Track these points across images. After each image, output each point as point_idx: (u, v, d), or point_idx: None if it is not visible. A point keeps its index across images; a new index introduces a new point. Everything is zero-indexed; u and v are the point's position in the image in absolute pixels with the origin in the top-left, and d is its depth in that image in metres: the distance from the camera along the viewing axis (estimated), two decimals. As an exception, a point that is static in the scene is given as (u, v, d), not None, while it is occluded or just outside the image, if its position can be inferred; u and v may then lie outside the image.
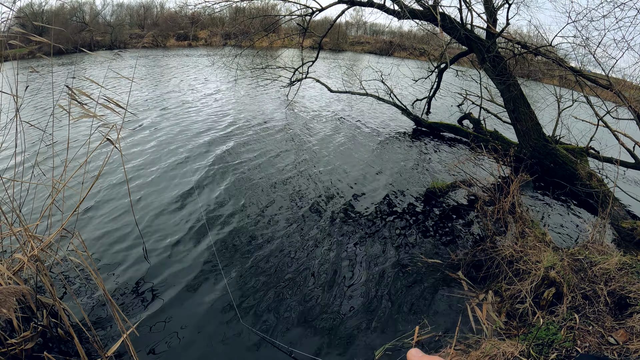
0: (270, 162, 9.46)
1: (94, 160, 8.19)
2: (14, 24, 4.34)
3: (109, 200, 7.02)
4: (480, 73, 12.75)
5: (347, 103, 17.62)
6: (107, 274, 5.02)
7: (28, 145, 4.67)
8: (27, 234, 3.45)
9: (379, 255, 5.91)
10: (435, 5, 9.81)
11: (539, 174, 9.16)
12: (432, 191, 8.22)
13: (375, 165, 9.85)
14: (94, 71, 21.67)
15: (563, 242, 6.71)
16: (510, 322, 4.45)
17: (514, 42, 9.74)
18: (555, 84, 11.32)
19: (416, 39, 46.57)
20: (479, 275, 5.41)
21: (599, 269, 4.43)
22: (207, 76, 23.01)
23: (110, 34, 43.17)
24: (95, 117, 3.91)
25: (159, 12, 51.55)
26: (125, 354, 3.60)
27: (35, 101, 14.20)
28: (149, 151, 9.69)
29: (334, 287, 5.07)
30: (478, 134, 11.70)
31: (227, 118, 13.55)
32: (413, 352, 0.73)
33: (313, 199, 7.62)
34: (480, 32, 10.39)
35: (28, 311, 3.73)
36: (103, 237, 5.87)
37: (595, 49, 8.15)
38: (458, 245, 6.42)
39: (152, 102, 15.33)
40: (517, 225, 6.06)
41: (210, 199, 7.31)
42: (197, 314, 4.47)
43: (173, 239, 5.95)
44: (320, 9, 12.25)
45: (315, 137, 12.01)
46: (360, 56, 45.69)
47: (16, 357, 3.45)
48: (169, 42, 47.24)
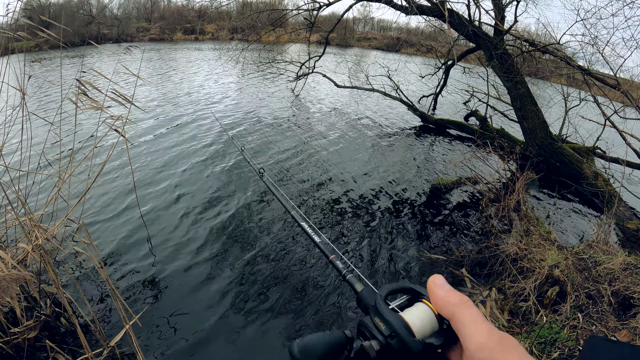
0: (276, 156, 9.46)
1: (100, 151, 8.23)
2: (22, 16, 4.35)
3: (114, 191, 7.04)
4: (487, 70, 12.67)
5: (353, 98, 17.56)
6: (111, 265, 5.04)
7: (34, 135, 4.68)
8: (31, 223, 3.46)
9: (381, 249, 5.91)
10: (443, 1, 9.75)
11: (545, 172, 9.11)
12: (437, 187, 8.19)
13: (380, 160, 9.84)
14: (101, 64, 21.70)
15: (568, 241, 6.68)
16: (513, 319, 4.43)
17: (522, 39, 9.68)
18: (563, 83, 11.24)
19: (423, 35, 46.30)
20: (483, 273, 5.40)
21: (604, 269, 4.40)
22: (214, 70, 22.98)
23: (117, 27, 43.20)
24: (102, 109, 3.92)
25: (166, 6, 51.51)
26: (128, 344, 3.62)
27: (42, 93, 14.25)
28: (155, 143, 9.71)
29: (334, 284, 5.06)
30: (484, 132, 11.63)
31: (233, 111, 13.56)
32: (437, 280, 0.63)
33: (316, 192, 7.62)
34: (488, 29, 10.33)
35: (31, 301, 3.75)
36: (108, 228, 5.89)
37: (603, 48, 8.09)
38: (462, 242, 6.41)
39: (159, 95, 15.34)
40: (521, 223, 6.04)
41: (217, 191, 7.32)
42: (202, 305, 4.49)
43: (178, 231, 5.96)
44: (327, 3, 12.20)
45: (321, 131, 12.00)
46: (367, 52, 45.52)
47: (19, 345, 3.47)
48: (176, 35, 47.17)
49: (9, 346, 3.40)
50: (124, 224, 6.03)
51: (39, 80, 15.98)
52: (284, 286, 4.91)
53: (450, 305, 0.59)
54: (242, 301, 4.59)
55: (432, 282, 0.62)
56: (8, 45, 3.82)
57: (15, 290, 2.48)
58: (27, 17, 4.45)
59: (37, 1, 35.32)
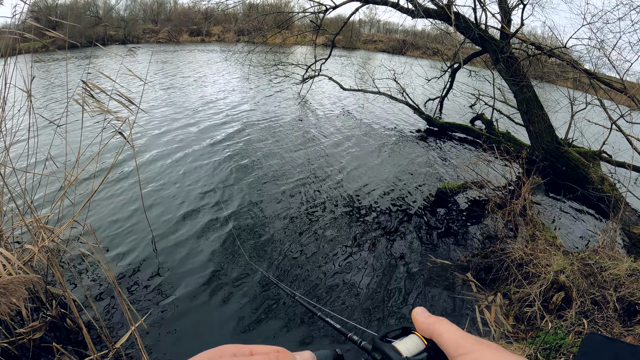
0: (283, 158, 9.47)
1: (106, 154, 8.26)
2: (29, 18, 4.38)
3: (120, 193, 7.07)
4: (493, 74, 12.66)
5: (359, 101, 17.57)
6: (117, 267, 5.06)
7: (41, 137, 4.70)
8: (38, 224, 3.48)
9: (386, 253, 5.90)
10: (449, 4, 9.75)
11: (551, 176, 9.07)
12: (442, 191, 8.17)
13: (386, 164, 9.83)
14: (108, 66, 21.80)
15: (573, 246, 6.66)
16: (518, 325, 4.42)
17: (528, 43, 9.66)
18: (569, 87, 11.19)
19: (430, 38, 46.13)
20: (488, 277, 5.38)
21: (609, 275, 4.38)
22: (220, 72, 23.05)
23: (124, 29, 43.40)
24: (108, 112, 3.93)
25: (172, 8, 51.71)
26: (133, 346, 3.63)
27: (49, 94, 14.33)
28: (161, 145, 9.75)
29: (339, 285, 5.06)
30: (490, 135, 11.61)
31: (239, 114, 13.57)
32: (418, 310, 0.73)
33: (323, 195, 7.62)
34: (494, 32, 10.32)
35: (38, 302, 3.77)
36: (114, 230, 5.91)
37: (610, 52, 8.06)
38: (467, 246, 6.39)
39: (165, 97, 15.39)
40: (527, 227, 6.02)
41: (221, 193, 7.33)
42: (207, 308, 4.49)
43: (183, 233, 5.98)
44: (333, 6, 12.22)
45: (327, 134, 12.00)
46: (373, 54, 45.49)
47: (24, 346, 3.48)
48: (182, 37, 47.33)
49: (15, 346, 3.42)
50: (130, 226, 6.05)
51: (45, 82, 16.08)
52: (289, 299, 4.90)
53: (429, 325, 0.68)
54: (248, 308, 4.58)
55: (415, 313, 0.72)
56: (15, 45, 3.85)
57: (22, 293, 2.49)
58: (35, 18, 4.48)
59: (45, 2, 35.56)
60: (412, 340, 0.70)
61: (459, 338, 0.62)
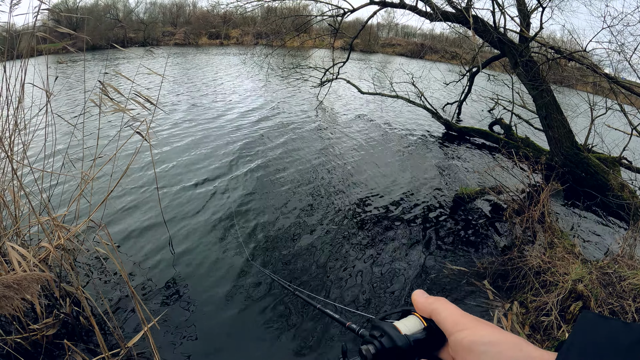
0: (300, 161, 9.47)
1: (123, 154, 8.33)
2: (49, 19, 4.43)
3: (136, 193, 7.12)
4: (512, 78, 12.53)
5: (377, 105, 17.53)
6: (131, 266, 5.08)
7: (59, 137, 4.75)
8: (54, 223, 3.51)
9: (402, 258, 5.84)
10: (467, 7, 9.66)
11: (570, 183, 8.91)
12: (460, 197, 8.08)
13: (403, 168, 9.77)
14: (126, 67, 22.07)
15: (592, 255, 6.51)
16: (534, 334, 4.33)
17: (548, 46, 9.53)
18: (589, 91, 11.01)
19: (448, 41, 45.84)
20: (505, 285, 5.28)
21: (628, 284, 4.27)
22: (238, 75, 23.21)
23: (143, 31, 44.04)
24: (125, 112, 3.95)
25: (191, 11, 52.32)
26: (146, 346, 3.63)
27: (67, 95, 14.55)
28: (178, 146, 9.82)
29: (354, 290, 5.02)
30: (509, 140, 11.45)
31: (257, 116, 13.64)
32: (418, 292, 0.75)
33: (340, 199, 7.59)
34: (513, 36, 10.21)
35: (52, 299, 3.79)
36: (129, 230, 5.95)
37: (630, 56, 7.93)
38: (484, 253, 6.30)
39: (183, 99, 15.55)
40: (545, 235, 5.91)
41: (238, 194, 7.35)
42: (221, 311, 4.48)
43: (200, 234, 6.00)
44: (351, 9, 12.23)
45: (344, 137, 11.98)
46: (391, 58, 45.43)
47: (37, 342, 3.51)
48: (201, 40, 47.88)
49: (28, 342, 3.45)
50: (146, 227, 6.08)
51: (64, 82, 16.32)
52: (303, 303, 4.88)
53: (428, 305, 0.71)
54: (262, 312, 4.56)
55: (415, 295, 0.75)
56: (35, 46, 3.90)
57: (35, 290, 2.50)
58: (55, 19, 4.53)
59: (65, 4, 36.16)
60: (411, 321, 0.73)
61: (457, 316, 0.65)
